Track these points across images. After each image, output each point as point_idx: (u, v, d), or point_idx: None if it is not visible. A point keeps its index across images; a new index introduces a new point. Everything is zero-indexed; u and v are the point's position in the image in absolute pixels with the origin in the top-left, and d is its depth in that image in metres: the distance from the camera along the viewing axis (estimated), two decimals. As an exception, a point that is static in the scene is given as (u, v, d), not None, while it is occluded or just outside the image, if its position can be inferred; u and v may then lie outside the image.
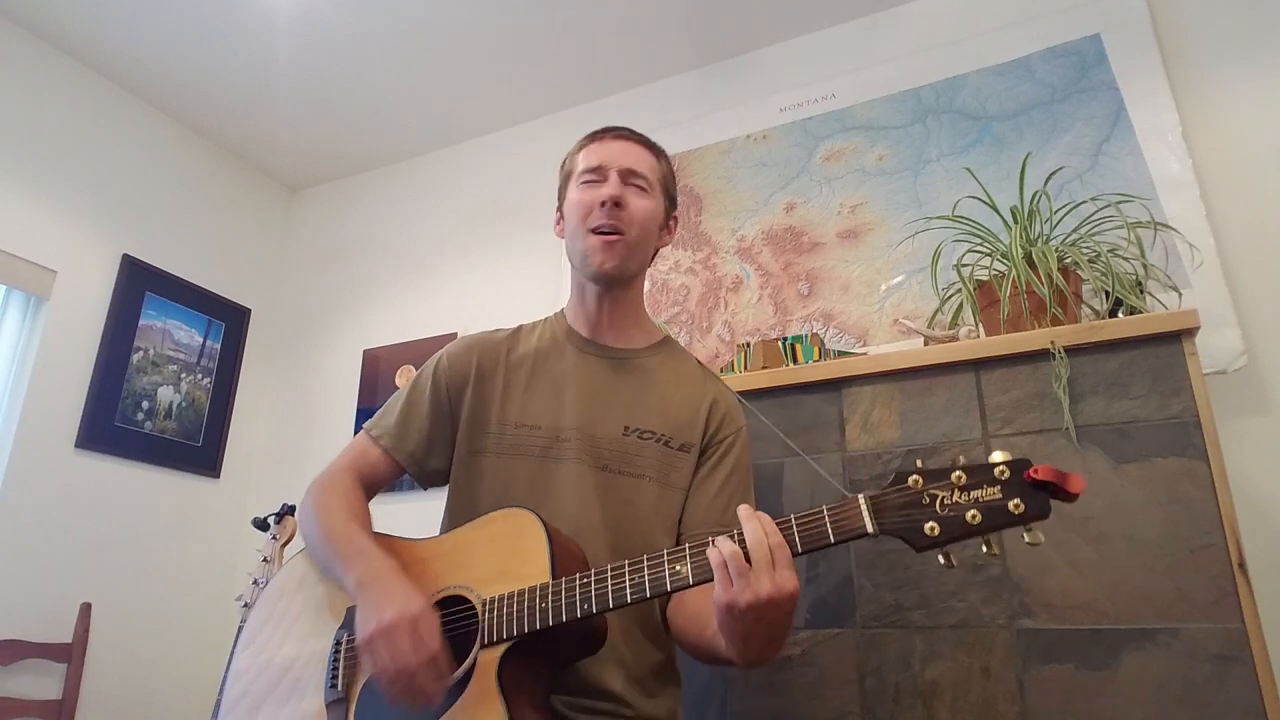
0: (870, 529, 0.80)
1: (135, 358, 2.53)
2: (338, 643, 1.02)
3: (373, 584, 0.94)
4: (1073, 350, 1.31)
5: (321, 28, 2.37)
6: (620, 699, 1.03)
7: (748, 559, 0.81)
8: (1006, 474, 0.78)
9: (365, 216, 3.04)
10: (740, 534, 0.83)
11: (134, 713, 2.34)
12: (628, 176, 1.17)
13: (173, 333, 2.66)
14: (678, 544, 1.10)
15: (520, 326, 1.27)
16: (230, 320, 2.87)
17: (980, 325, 1.56)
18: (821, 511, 0.83)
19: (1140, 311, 1.39)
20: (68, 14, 2.33)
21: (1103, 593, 1.20)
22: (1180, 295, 1.56)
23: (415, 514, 1.43)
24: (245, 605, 1.76)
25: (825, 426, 1.48)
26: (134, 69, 2.55)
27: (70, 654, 2.17)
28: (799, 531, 0.83)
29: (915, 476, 0.81)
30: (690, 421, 1.16)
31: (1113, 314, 1.43)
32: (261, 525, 1.91)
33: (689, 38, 2.42)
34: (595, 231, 1.14)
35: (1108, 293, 1.44)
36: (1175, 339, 1.26)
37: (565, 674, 1.00)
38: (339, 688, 0.98)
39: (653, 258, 1.25)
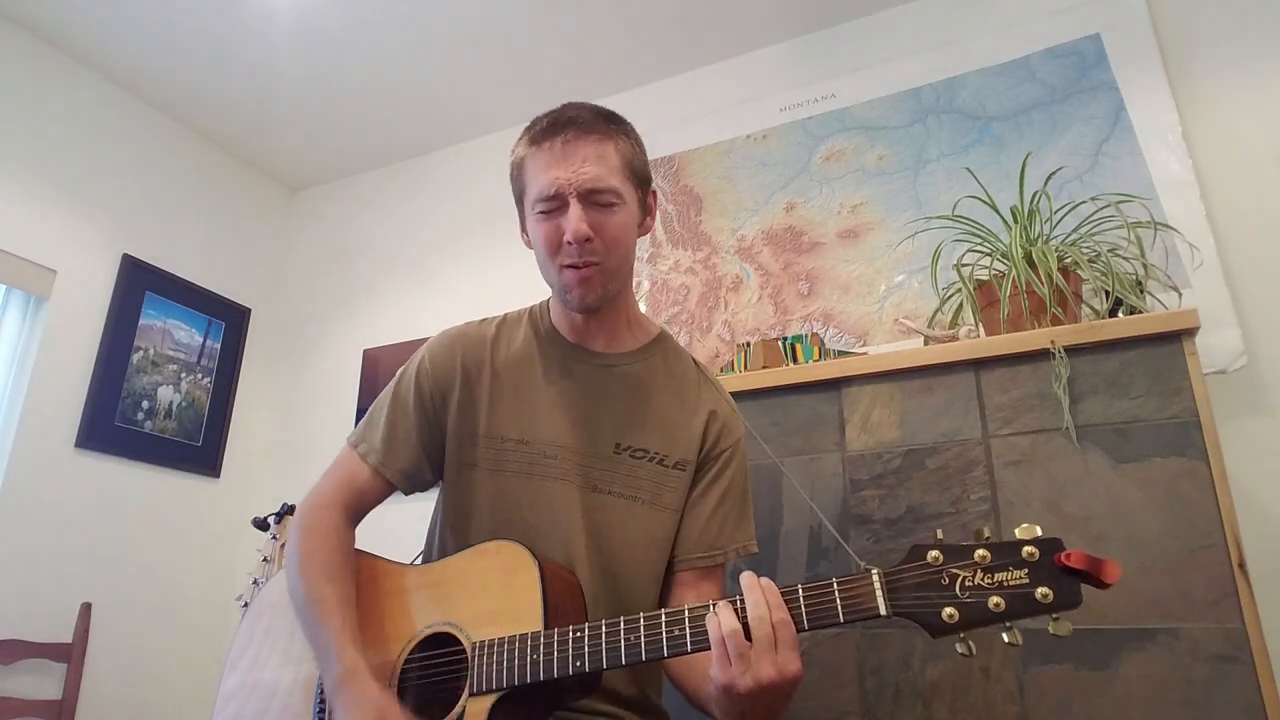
0: (883, 610, 0.75)
1: (135, 357, 2.53)
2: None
3: (340, 694, 0.89)
4: (1073, 350, 1.31)
5: (321, 28, 2.37)
6: (614, 716, 1.02)
7: (748, 633, 0.77)
8: (1035, 555, 0.72)
9: (365, 216, 3.04)
10: (742, 604, 0.79)
11: (134, 713, 2.34)
12: (590, 196, 0.99)
13: (173, 332, 2.66)
14: (670, 569, 1.08)
15: (505, 318, 1.18)
16: (230, 320, 2.87)
17: (980, 325, 1.56)
18: (831, 586, 0.78)
19: (1140, 311, 1.39)
20: (67, 14, 2.32)
21: (1102, 593, 1.20)
22: (1180, 295, 1.56)
23: (410, 516, 1.43)
24: (245, 605, 1.76)
25: (825, 426, 1.48)
26: (134, 69, 2.55)
27: (70, 654, 2.17)
28: (806, 607, 0.78)
29: (935, 552, 0.75)
30: (686, 436, 1.08)
31: (1113, 314, 1.43)
32: (261, 525, 1.91)
33: (687, 38, 2.42)
34: (566, 267, 1.01)
35: (1108, 293, 1.44)
36: (1175, 339, 1.26)
37: None
38: None
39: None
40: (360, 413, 2.68)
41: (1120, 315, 1.40)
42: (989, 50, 2.09)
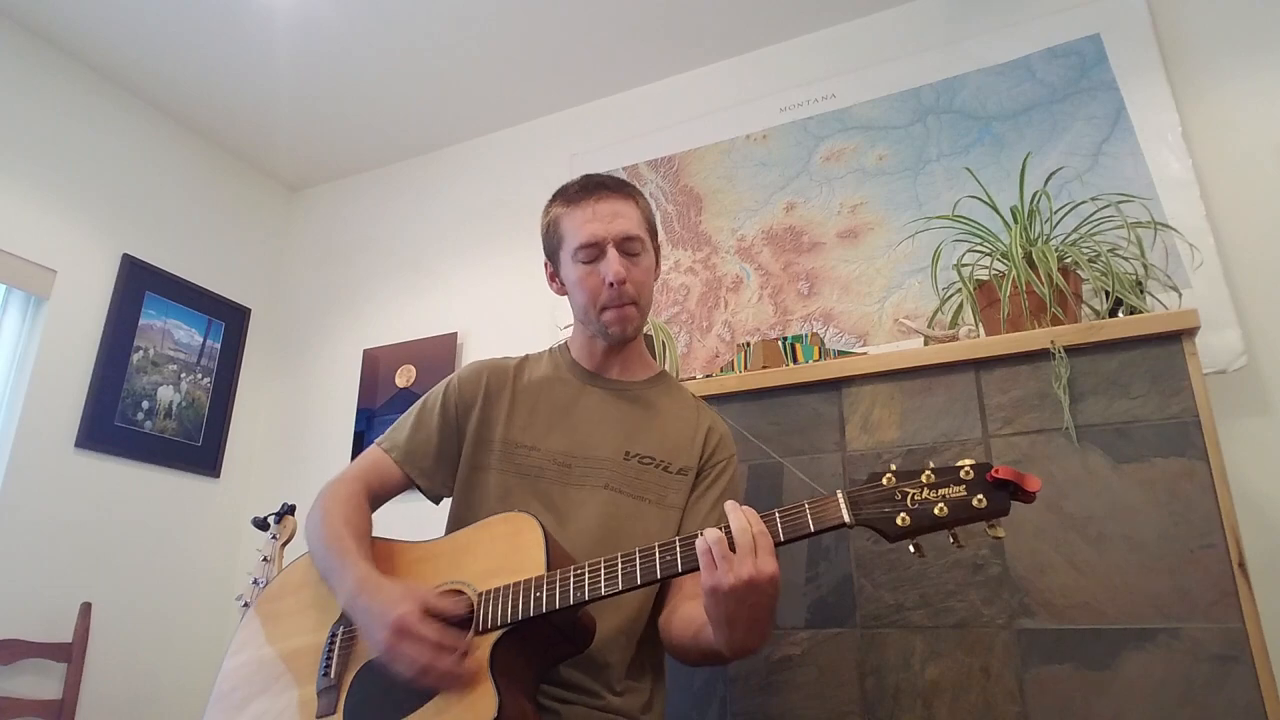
0: (847, 519, 0.88)
1: (135, 357, 2.53)
2: (333, 635, 1.06)
3: (359, 596, 0.98)
4: (1073, 350, 1.31)
5: (321, 28, 2.37)
6: (590, 691, 1.06)
7: (733, 548, 0.88)
8: (971, 474, 0.86)
9: (365, 216, 3.04)
10: (727, 525, 0.90)
11: (134, 713, 2.34)
12: (624, 244, 1.18)
13: (173, 332, 2.66)
14: None
15: (527, 355, 1.33)
16: (230, 320, 2.87)
17: (980, 325, 1.56)
18: (803, 505, 0.91)
19: (1140, 311, 1.39)
20: (67, 14, 2.32)
21: (1103, 593, 1.20)
22: (1180, 295, 1.56)
23: (422, 516, 1.43)
24: (245, 605, 1.76)
25: (825, 426, 1.48)
26: (134, 69, 2.55)
27: (70, 654, 2.16)
28: (781, 522, 0.91)
29: (889, 475, 0.89)
30: (688, 447, 1.21)
31: (1113, 314, 1.43)
32: (261, 525, 1.91)
33: (687, 38, 2.42)
34: (607, 308, 1.18)
35: (1108, 293, 1.44)
36: (1175, 339, 1.26)
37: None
38: (331, 676, 1.02)
39: None
40: (360, 413, 2.69)
41: (1120, 315, 1.40)
42: (989, 50, 2.09)
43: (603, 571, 0.94)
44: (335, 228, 3.10)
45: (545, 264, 1.29)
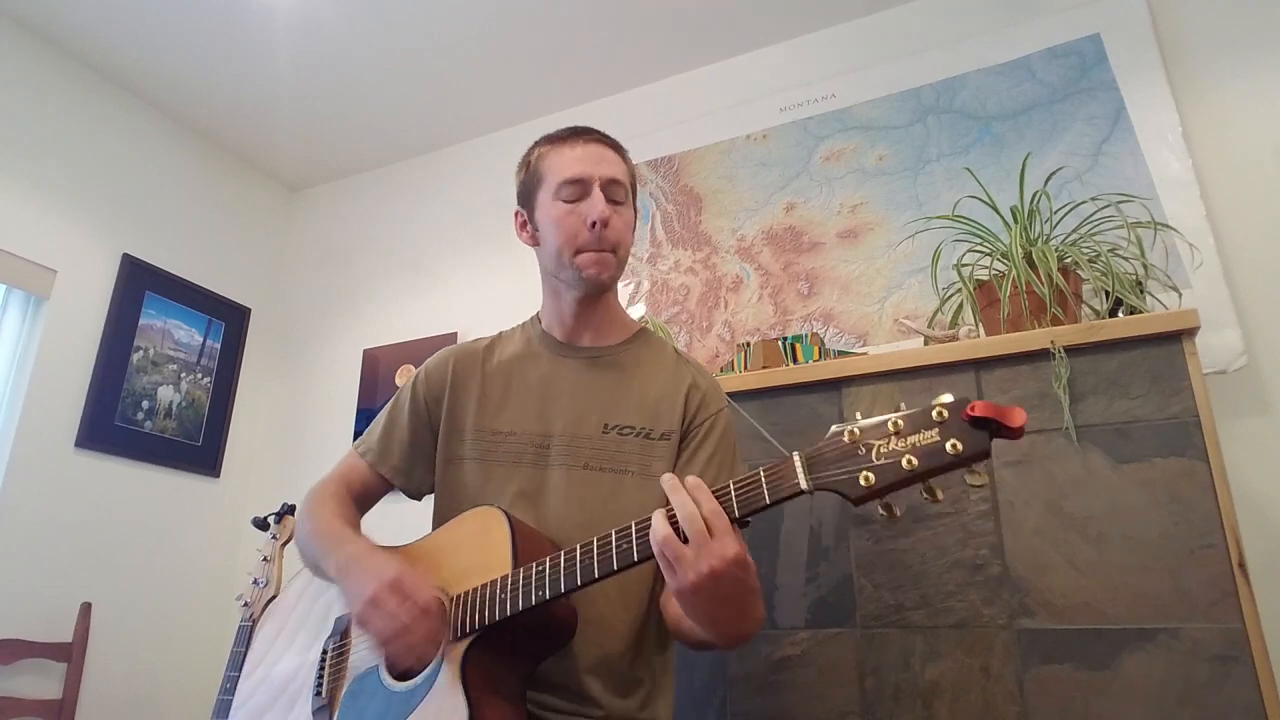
0: (804, 486, 0.77)
1: (135, 357, 2.53)
2: (324, 652, 1.06)
3: (350, 566, 0.99)
4: (1073, 350, 1.31)
5: (321, 28, 2.37)
6: (589, 699, 1.02)
7: (685, 537, 0.79)
8: (945, 415, 0.73)
9: (365, 216, 3.04)
10: (672, 511, 0.81)
11: (134, 713, 2.34)
12: (610, 188, 1.12)
13: (173, 332, 2.66)
14: None
15: (500, 333, 1.28)
16: (230, 320, 2.87)
17: (980, 325, 1.56)
18: (758, 474, 0.81)
19: (1140, 311, 1.39)
20: (67, 13, 2.32)
21: (1103, 593, 1.20)
22: (1180, 295, 1.56)
23: (420, 516, 1.43)
24: (245, 605, 1.76)
25: (825, 426, 1.47)
26: (134, 69, 2.55)
27: (70, 654, 2.17)
28: (736, 497, 0.81)
29: (852, 428, 0.78)
30: (669, 409, 1.14)
31: (1113, 314, 1.43)
32: (261, 525, 1.91)
33: (687, 38, 2.42)
34: (584, 250, 1.11)
35: (1108, 293, 1.44)
36: (1175, 339, 1.26)
37: (538, 674, 1.00)
38: (323, 694, 1.02)
39: None
40: (360, 412, 2.69)
41: (1120, 315, 1.40)
42: (989, 50, 2.09)
43: (562, 568, 0.88)
44: (335, 228, 3.10)
45: (517, 212, 1.21)
